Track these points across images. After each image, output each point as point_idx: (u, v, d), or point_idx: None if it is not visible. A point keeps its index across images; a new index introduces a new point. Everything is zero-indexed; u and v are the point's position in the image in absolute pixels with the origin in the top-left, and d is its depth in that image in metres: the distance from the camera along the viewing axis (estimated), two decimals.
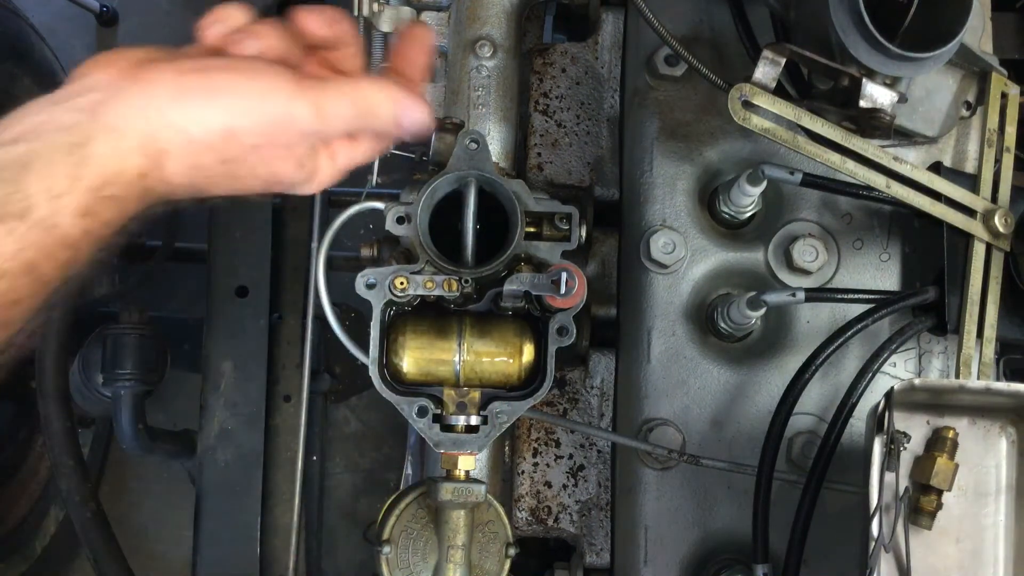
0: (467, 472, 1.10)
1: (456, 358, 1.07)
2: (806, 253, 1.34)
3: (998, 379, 1.36)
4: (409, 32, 1.04)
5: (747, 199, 1.32)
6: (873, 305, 1.26)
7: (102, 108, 0.80)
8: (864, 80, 1.11)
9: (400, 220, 1.05)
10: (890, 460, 1.09)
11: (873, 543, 1.06)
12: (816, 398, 1.34)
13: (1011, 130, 1.29)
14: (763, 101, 1.16)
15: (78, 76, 0.84)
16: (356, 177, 1.27)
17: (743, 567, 1.29)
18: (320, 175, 0.95)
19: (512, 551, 1.18)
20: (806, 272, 1.35)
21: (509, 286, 1.03)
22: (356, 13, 1.40)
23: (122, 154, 0.80)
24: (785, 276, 1.37)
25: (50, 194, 0.75)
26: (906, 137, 1.30)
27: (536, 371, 1.09)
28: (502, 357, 1.08)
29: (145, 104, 0.81)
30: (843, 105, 1.16)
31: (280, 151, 0.89)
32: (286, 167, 0.91)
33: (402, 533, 1.15)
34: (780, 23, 1.27)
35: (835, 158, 1.20)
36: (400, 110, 0.92)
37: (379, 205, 1.10)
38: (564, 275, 1.01)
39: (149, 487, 2.85)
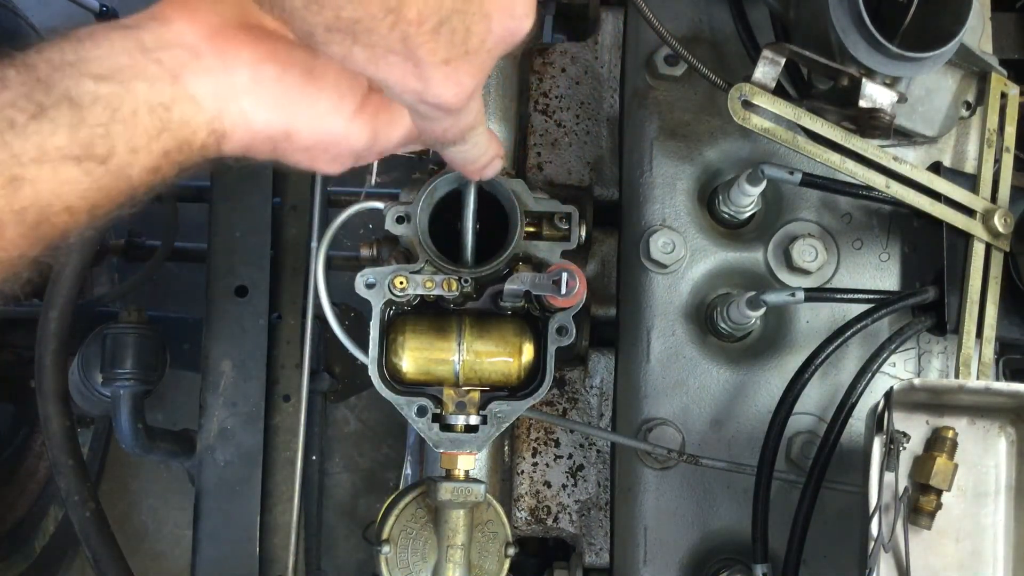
0: (466, 472, 1.11)
1: (455, 358, 1.07)
2: (806, 253, 1.34)
3: (997, 379, 1.36)
4: None
5: (747, 199, 1.32)
6: (873, 305, 1.26)
7: (184, 73, 0.81)
8: (864, 80, 1.11)
9: (400, 220, 1.05)
10: (890, 460, 1.09)
11: (873, 543, 1.06)
12: (816, 398, 1.34)
13: (1011, 130, 1.29)
14: (763, 101, 1.16)
15: (161, 15, 0.83)
16: (356, 177, 1.27)
17: (743, 567, 1.29)
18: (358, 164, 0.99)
19: (511, 551, 1.19)
20: (806, 272, 1.35)
21: (510, 285, 1.03)
22: None
23: (194, 126, 0.82)
24: (785, 276, 1.37)
25: (129, 146, 0.78)
26: (906, 137, 1.30)
27: (536, 371, 1.09)
28: (502, 357, 1.08)
29: (222, 83, 0.83)
30: (843, 105, 1.16)
31: (326, 156, 0.93)
32: (327, 167, 0.95)
33: (401, 533, 1.15)
34: (780, 23, 1.27)
35: (835, 158, 1.20)
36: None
37: (379, 205, 1.11)
38: (565, 275, 1.01)
39: (149, 487, 2.86)
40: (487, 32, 0.78)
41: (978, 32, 1.28)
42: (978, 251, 1.24)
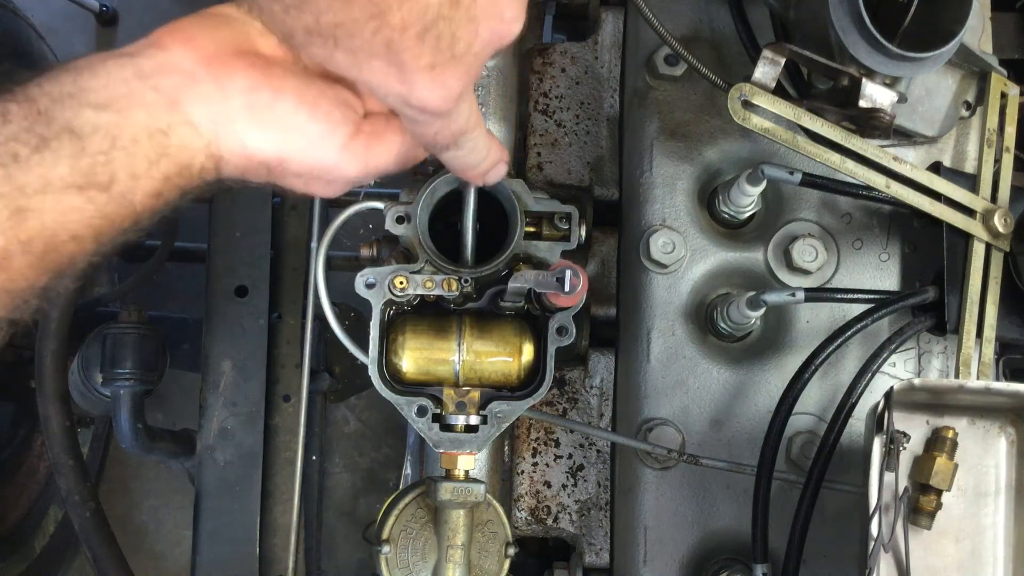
0: (466, 472, 1.10)
1: (455, 358, 1.07)
2: (806, 253, 1.34)
3: (997, 379, 1.36)
4: None
5: (747, 199, 1.32)
6: (873, 305, 1.26)
7: (181, 98, 0.82)
8: (864, 80, 1.11)
9: (400, 220, 1.05)
10: (890, 460, 1.09)
11: (873, 543, 1.06)
12: (816, 398, 1.34)
13: (1011, 130, 1.29)
14: (763, 101, 1.16)
15: (158, 43, 0.84)
16: None
17: (743, 567, 1.29)
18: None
19: (511, 551, 1.19)
20: (806, 272, 1.35)
21: (513, 283, 1.03)
22: None
23: (192, 151, 0.83)
24: (785, 276, 1.37)
25: (130, 172, 0.79)
26: (906, 137, 1.29)
27: (536, 371, 1.09)
28: (502, 357, 1.08)
29: (217, 108, 0.84)
30: (843, 105, 1.16)
31: (319, 183, 0.94)
32: (322, 192, 0.96)
33: (401, 533, 1.15)
34: (780, 23, 1.27)
35: (835, 158, 1.20)
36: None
37: (379, 205, 1.10)
38: (568, 272, 1.00)
39: (149, 487, 2.86)
40: (474, 37, 0.79)
41: (978, 32, 1.28)
42: (978, 251, 1.24)
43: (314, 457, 2.07)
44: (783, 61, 1.16)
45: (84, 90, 0.79)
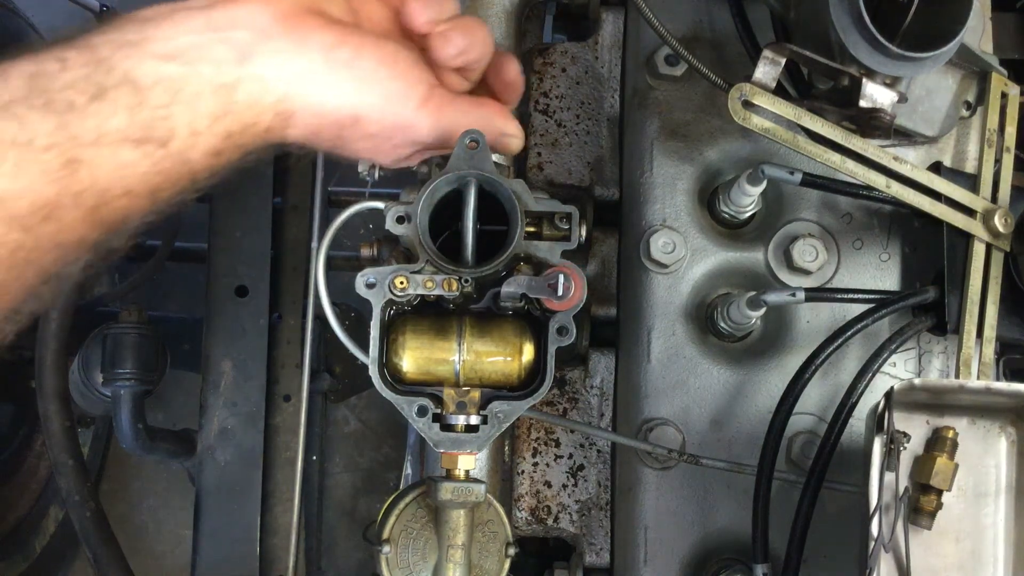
0: (467, 472, 1.10)
1: (456, 358, 1.07)
2: (806, 253, 1.34)
3: (998, 379, 1.36)
4: (499, 62, 1.05)
5: (747, 199, 1.32)
6: (873, 305, 1.26)
7: (252, 53, 0.80)
8: (864, 80, 1.11)
9: (400, 220, 1.04)
10: (890, 460, 1.09)
11: (873, 543, 1.06)
12: (816, 398, 1.34)
13: (1011, 130, 1.29)
14: (763, 101, 1.16)
15: None
16: (355, 177, 1.27)
17: (743, 567, 1.29)
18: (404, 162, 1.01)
19: (512, 551, 1.18)
20: (806, 272, 1.35)
21: (507, 288, 1.03)
22: None
23: (259, 108, 0.81)
24: (785, 276, 1.37)
25: (190, 128, 0.77)
26: (906, 137, 1.29)
27: (536, 371, 1.09)
28: (502, 357, 1.07)
29: (291, 64, 0.82)
30: (843, 105, 1.16)
31: (388, 144, 0.94)
32: (384, 156, 0.96)
33: (402, 533, 1.15)
34: (780, 23, 1.27)
35: (835, 158, 1.20)
36: (510, 143, 1.05)
37: (379, 205, 1.10)
38: (561, 278, 1.01)
39: (149, 487, 2.86)
40: None
41: (978, 32, 1.28)
42: (978, 251, 1.24)
43: (314, 457, 2.07)
44: (783, 61, 1.16)
45: (149, 39, 0.76)
